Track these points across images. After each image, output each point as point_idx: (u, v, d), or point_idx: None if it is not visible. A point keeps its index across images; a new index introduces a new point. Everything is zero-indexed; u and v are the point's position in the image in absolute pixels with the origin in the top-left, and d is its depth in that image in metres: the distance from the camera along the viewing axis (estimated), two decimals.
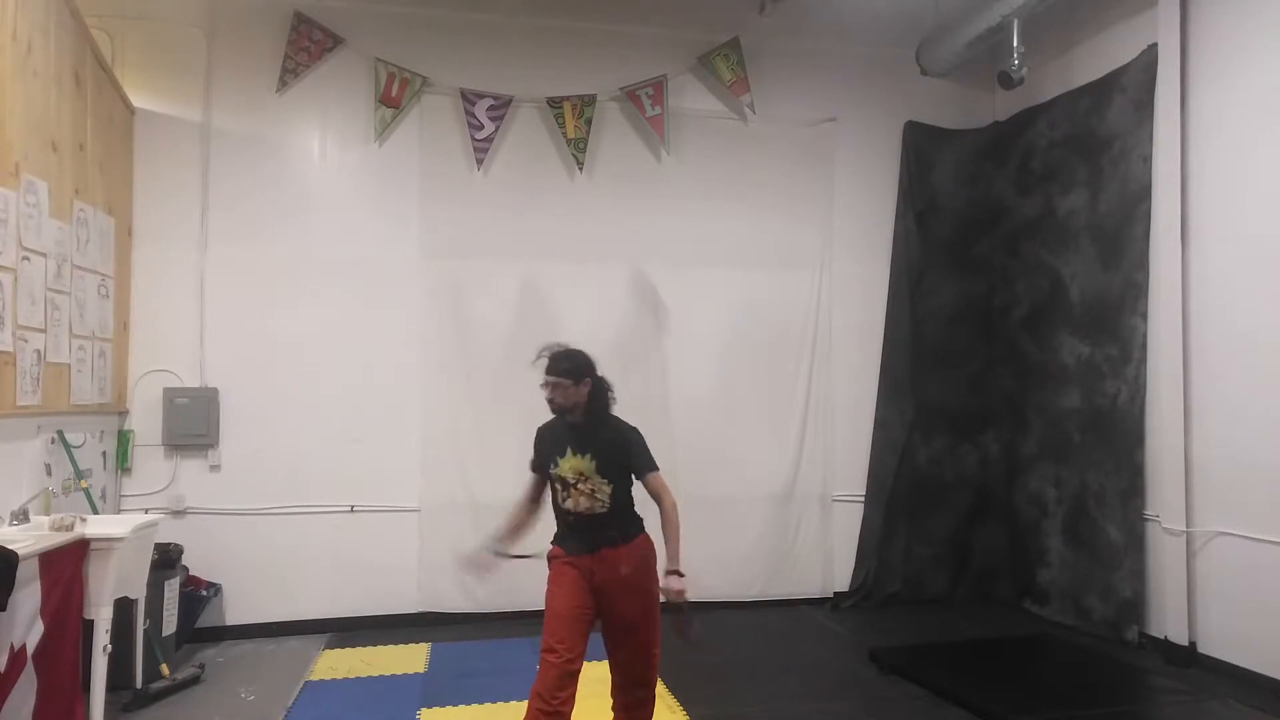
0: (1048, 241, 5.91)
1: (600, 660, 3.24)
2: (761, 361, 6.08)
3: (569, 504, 3.19)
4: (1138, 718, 4.19)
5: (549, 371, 3.23)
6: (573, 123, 5.76)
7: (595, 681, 3.24)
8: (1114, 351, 5.33)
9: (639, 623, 3.16)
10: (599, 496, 3.17)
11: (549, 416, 5.74)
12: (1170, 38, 4.94)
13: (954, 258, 6.37)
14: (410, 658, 4.84)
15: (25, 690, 2.98)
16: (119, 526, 3.72)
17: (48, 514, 3.71)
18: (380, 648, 5.01)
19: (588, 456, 3.19)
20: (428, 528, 5.53)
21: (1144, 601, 5.08)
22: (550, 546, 3.27)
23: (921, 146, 6.32)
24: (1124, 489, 5.18)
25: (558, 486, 3.23)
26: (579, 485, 3.19)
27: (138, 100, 5.23)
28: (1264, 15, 4.50)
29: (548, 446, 3.28)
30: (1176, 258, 4.90)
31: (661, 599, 3.15)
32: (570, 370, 3.22)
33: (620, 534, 3.19)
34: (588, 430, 3.22)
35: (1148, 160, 5.12)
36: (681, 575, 3.06)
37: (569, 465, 3.20)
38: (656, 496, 3.16)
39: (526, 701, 3.03)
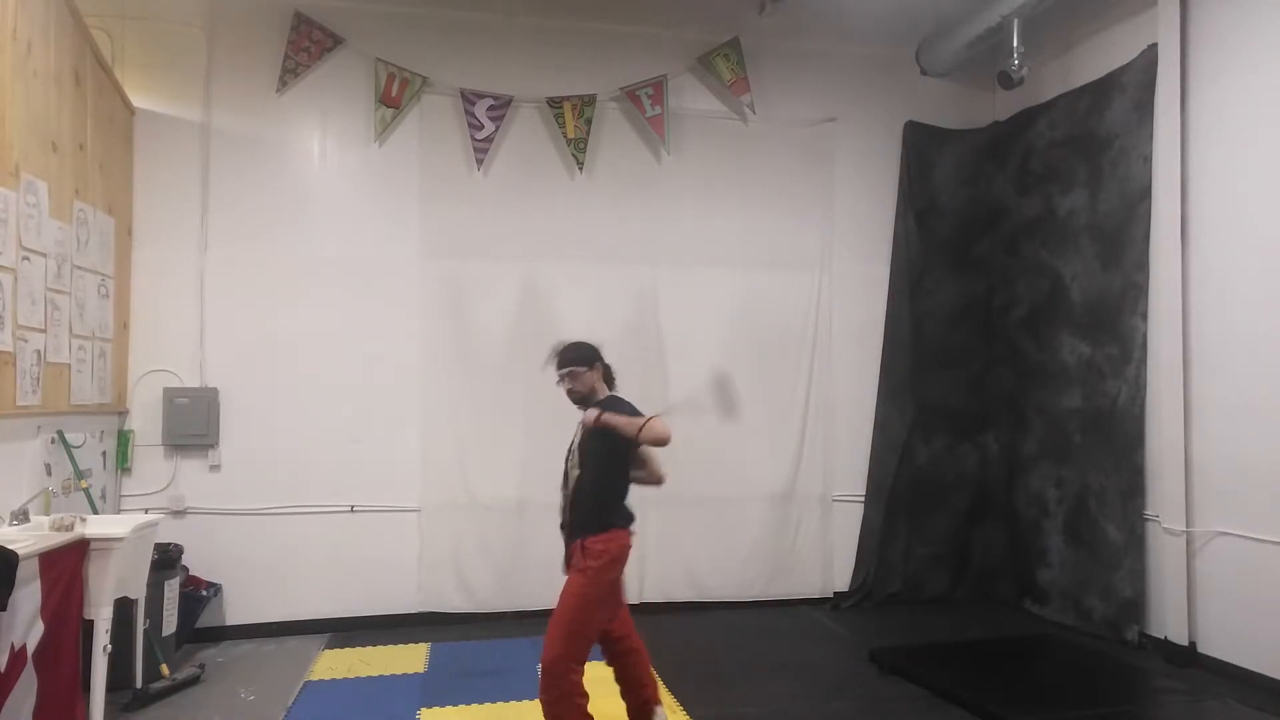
0: (1048, 241, 5.91)
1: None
2: (761, 361, 6.07)
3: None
4: (1137, 718, 4.19)
5: (560, 365, 3.33)
6: (573, 123, 5.76)
7: (594, 681, 3.26)
8: (1114, 351, 5.33)
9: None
10: (569, 480, 3.31)
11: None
12: (1170, 38, 4.94)
13: (954, 258, 6.37)
14: (410, 658, 4.84)
15: (25, 690, 2.98)
16: (119, 526, 3.72)
17: (48, 514, 3.72)
18: (380, 648, 5.01)
19: (575, 439, 3.33)
20: (428, 528, 5.53)
21: (1144, 601, 5.08)
22: None
23: (921, 146, 6.31)
24: (1124, 489, 5.18)
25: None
26: (568, 465, 3.34)
27: (138, 100, 5.23)
28: (1264, 15, 4.50)
29: None
30: (1176, 258, 4.90)
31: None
32: (580, 358, 3.34)
33: (575, 527, 3.27)
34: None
35: (1148, 160, 5.12)
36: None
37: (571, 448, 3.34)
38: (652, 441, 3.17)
39: (524, 701, 3.07)
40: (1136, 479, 5.13)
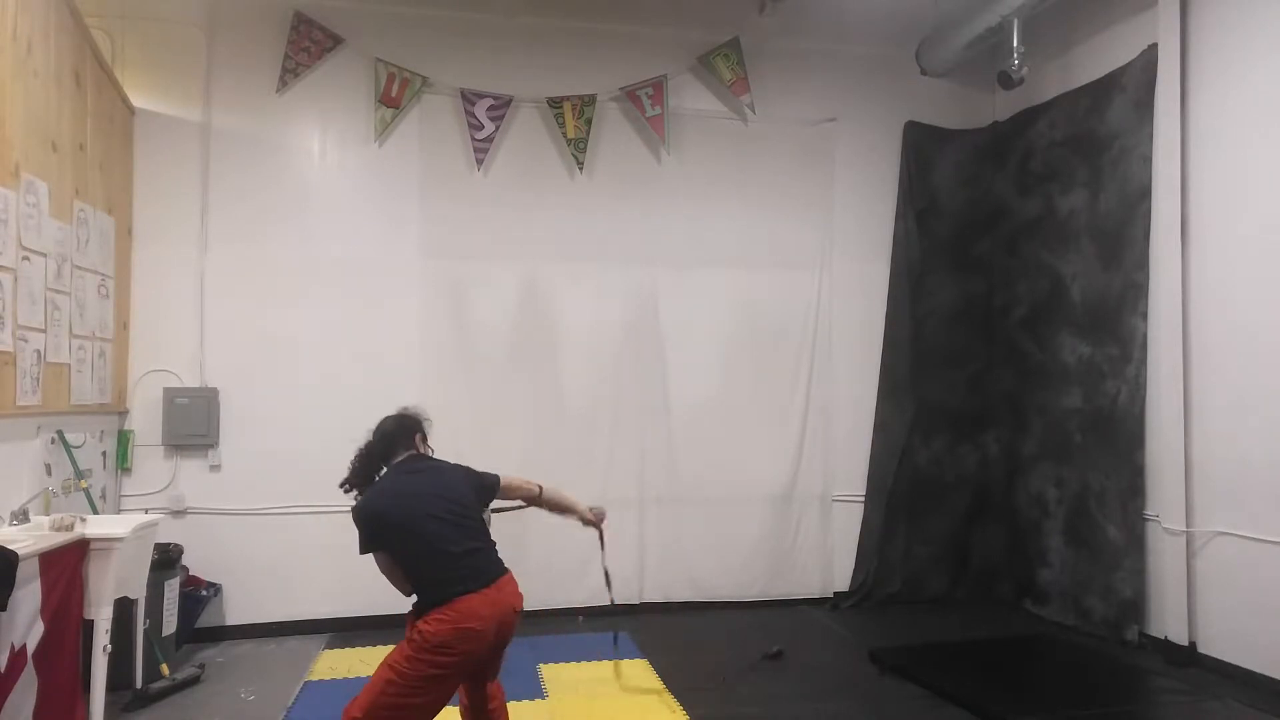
0: (1048, 241, 5.91)
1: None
2: (762, 361, 6.08)
3: None
4: (1137, 718, 4.19)
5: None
6: (573, 123, 5.76)
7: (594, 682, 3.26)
8: (1114, 351, 5.33)
9: None
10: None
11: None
12: (1170, 38, 4.94)
13: (954, 258, 6.36)
14: None
15: (25, 690, 2.98)
16: (119, 526, 3.72)
17: (48, 514, 3.71)
18: (380, 648, 5.00)
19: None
20: None
21: (1144, 601, 5.08)
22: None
23: (921, 146, 6.31)
24: (1124, 489, 5.18)
25: None
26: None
27: (138, 100, 5.23)
28: (1264, 15, 4.50)
29: None
30: (1176, 258, 4.90)
31: None
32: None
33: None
34: None
35: (1148, 160, 5.12)
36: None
37: None
38: None
39: (523, 701, 3.02)
40: (1136, 479, 5.13)
